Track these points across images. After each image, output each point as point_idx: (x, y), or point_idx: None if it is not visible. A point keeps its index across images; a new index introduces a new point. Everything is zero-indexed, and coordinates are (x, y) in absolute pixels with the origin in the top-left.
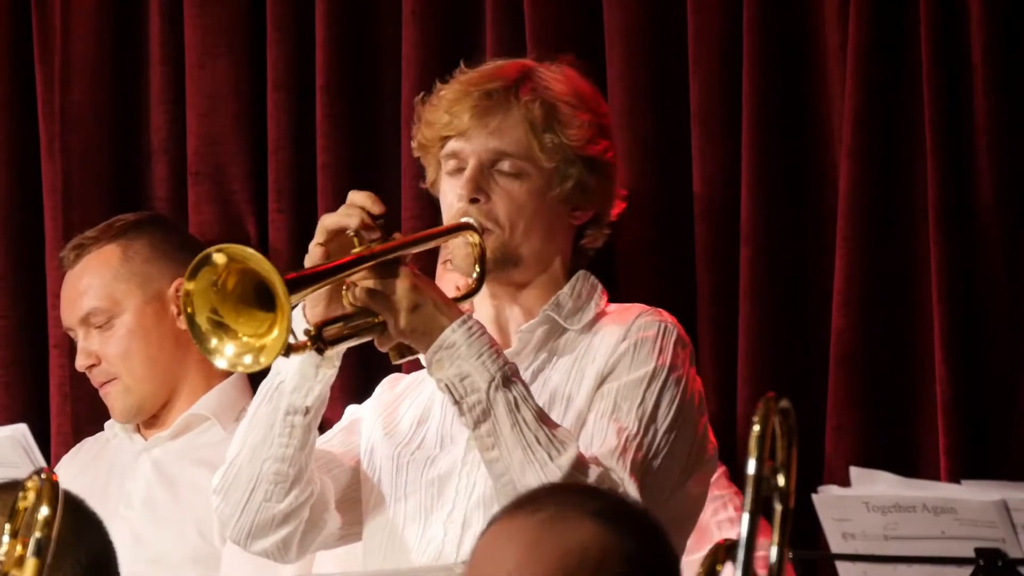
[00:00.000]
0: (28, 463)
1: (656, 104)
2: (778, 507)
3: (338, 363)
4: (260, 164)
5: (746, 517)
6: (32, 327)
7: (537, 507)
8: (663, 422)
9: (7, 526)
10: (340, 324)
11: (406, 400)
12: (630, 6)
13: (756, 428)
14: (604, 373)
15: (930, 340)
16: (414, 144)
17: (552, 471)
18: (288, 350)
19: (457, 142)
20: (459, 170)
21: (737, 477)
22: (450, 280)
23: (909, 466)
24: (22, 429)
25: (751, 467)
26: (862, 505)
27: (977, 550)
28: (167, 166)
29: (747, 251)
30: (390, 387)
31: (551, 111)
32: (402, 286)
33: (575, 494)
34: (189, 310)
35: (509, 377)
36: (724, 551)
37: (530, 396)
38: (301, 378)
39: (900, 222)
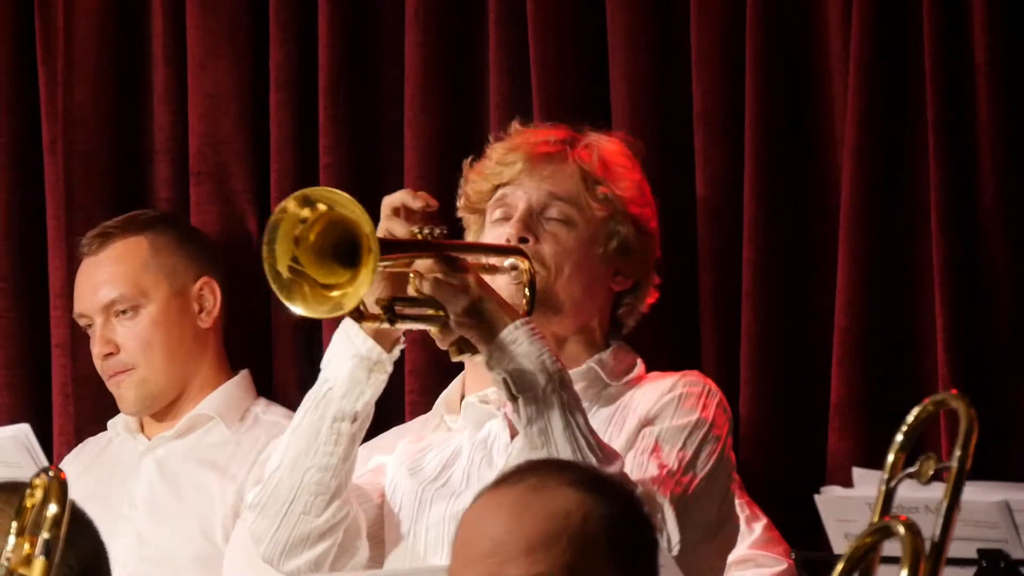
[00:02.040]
0: (31, 463)
1: (659, 105)
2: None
3: (390, 368)
4: (262, 164)
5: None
6: (34, 327)
7: (520, 478)
8: (702, 469)
9: (14, 524)
10: (408, 304)
11: (434, 450)
12: (633, 7)
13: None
14: (646, 419)
15: (933, 340)
16: (460, 203)
17: None
18: (360, 317)
19: (507, 189)
20: (506, 218)
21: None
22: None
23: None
24: (25, 429)
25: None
26: (865, 506)
27: (980, 551)
28: (169, 166)
29: (750, 252)
30: (416, 440)
31: (604, 164)
32: (469, 280)
33: (554, 466)
34: (269, 251)
35: (565, 381)
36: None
37: (581, 405)
38: (352, 383)
39: (903, 223)
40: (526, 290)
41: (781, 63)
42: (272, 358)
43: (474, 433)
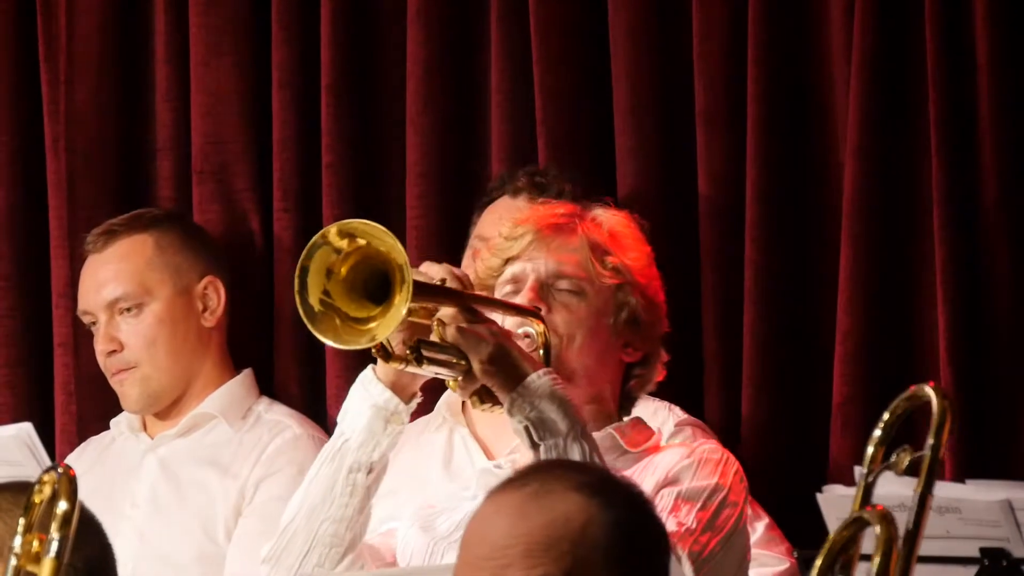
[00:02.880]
0: (33, 462)
1: (661, 103)
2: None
3: (407, 420)
4: (265, 163)
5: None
6: (37, 326)
7: (524, 483)
8: (719, 532)
9: (22, 520)
10: (433, 349)
11: (445, 513)
12: (635, 4)
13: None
14: (665, 482)
15: (935, 339)
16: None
17: None
18: (387, 356)
19: (517, 264)
20: (515, 293)
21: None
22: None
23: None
24: (27, 428)
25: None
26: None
27: (982, 549)
28: (172, 164)
29: (752, 250)
30: (428, 504)
31: (612, 236)
32: (492, 329)
33: (560, 468)
34: (301, 286)
35: (585, 431)
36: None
37: (601, 455)
38: (368, 434)
39: (905, 222)
40: (540, 351)
41: (783, 62)
42: (274, 357)
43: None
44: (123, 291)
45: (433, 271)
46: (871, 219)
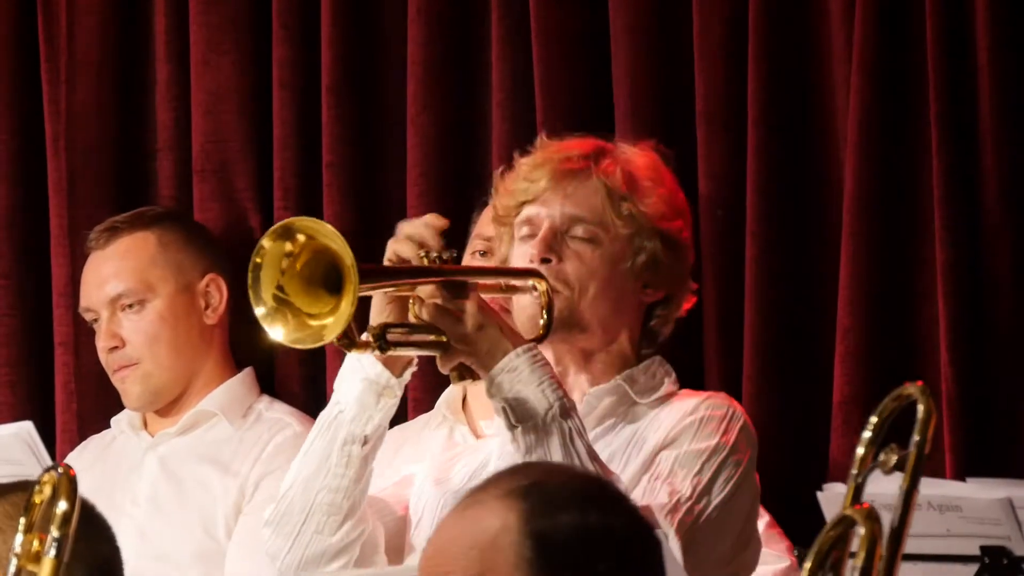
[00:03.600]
0: (34, 461)
1: (661, 102)
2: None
3: (399, 393)
4: (265, 162)
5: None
6: (37, 325)
7: (469, 493)
8: (717, 496)
9: (22, 520)
10: (405, 331)
11: (463, 460)
12: (636, 5)
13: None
14: (666, 442)
15: (935, 338)
16: (491, 217)
17: None
18: (351, 344)
19: (533, 207)
20: (532, 236)
21: None
22: None
23: None
24: (27, 427)
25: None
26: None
27: (982, 548)
28: (172, 164)
29: (752, 249)
30: (449, 448)
31: (630, 180)
32: (470, 305)
33: (504, 475)
34: (255, 279)
35: (567, 409)
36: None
37: (585, 433)
38: (361, 407)
39: (905, 221)
40: (543, 312)
41: (783, 61)
42: (275, 355)
43: (506, 440)
44: (125, 287)
45: (404, 251)
46: (872, 218)
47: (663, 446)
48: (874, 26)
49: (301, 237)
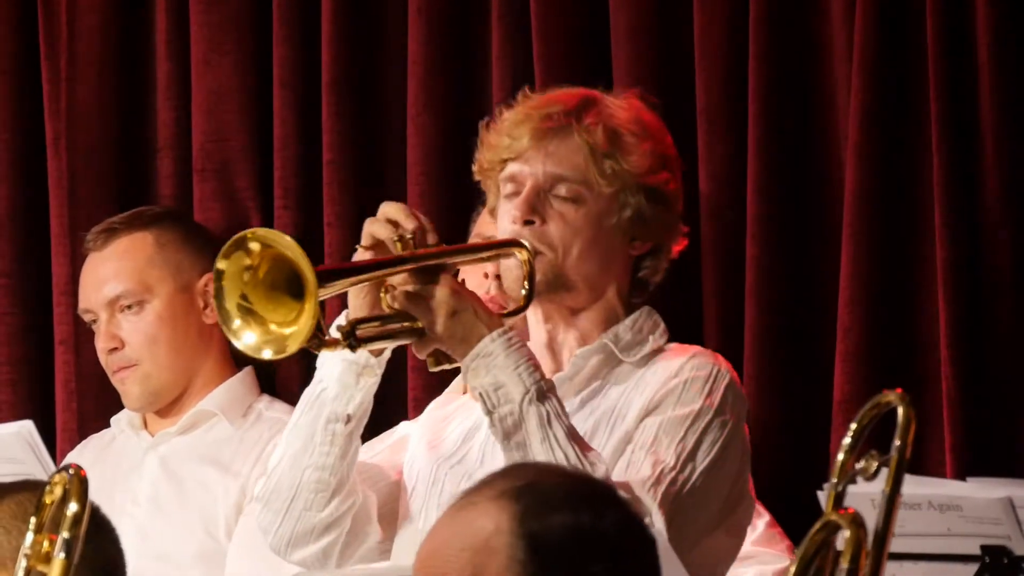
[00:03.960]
0: (34, 460)
1: (662, 102)
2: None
3: (380, 371)
4: (266, 161)
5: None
6: (38, 324)
7: (465, 493)
8: (702, 462)
9: (33, 520)
10: (376, 323)
11: (456, 419)
12: (636, 4)
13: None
14: (650, 407)
15: (936, 338)
16: (475, 168)
17: None
18: (320, 344)
19: (515, 165)
20: (516, 193)
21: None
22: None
23: (915, 463)
24: (28, 426)
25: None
26: (868, 502)
27: (983, 547)
28: (173, 163)
29: (753, 249)
30: (442, 404)
31: (613, 137)
32: (442, 291)
33: (498, 476)
34: (218, 291)
35: (544, 392)
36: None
37: (564, 414)
38: (342, 386)
39: (906, 219)
40: (525, 282)
41: (784, 60)
42: None
43: None
44: (124, 288)
45: (379, 231)
46: (872, 217)
47: (647, 412)
48: (874, 26)
49: (256, 247)
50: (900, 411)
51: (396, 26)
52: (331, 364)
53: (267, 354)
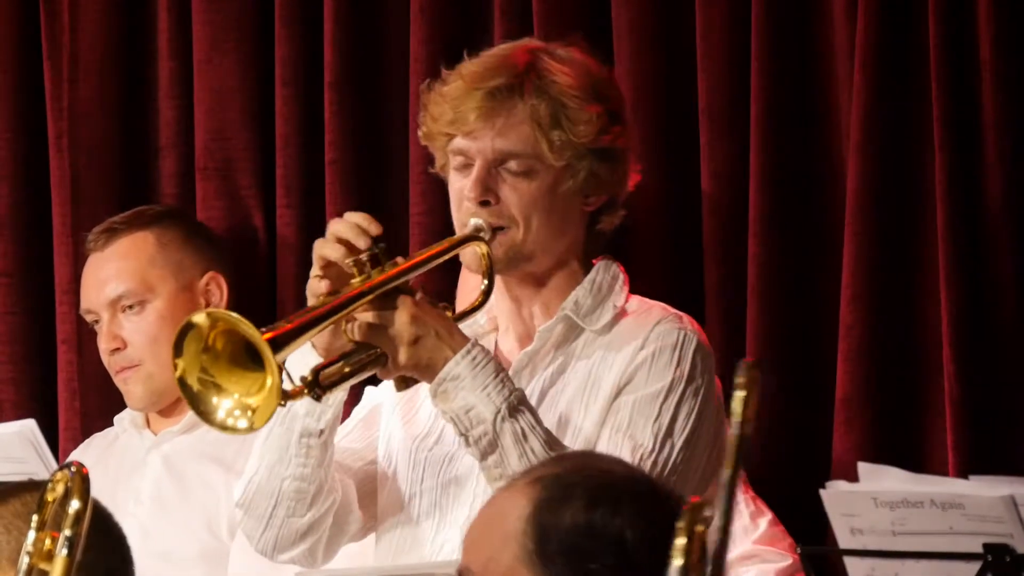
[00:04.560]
0: (36, 459)
1: (664, 99)
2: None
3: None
4: (268, 160)
5: (727, 473)
6: (40, 323)
7: (510, 480)
8: (680, 436)
9: (34, 517)
10: (340, 364)
11: (425, 387)
12: (638, 2)
13: (742, 393)
14: (621, 384)
15: (938, 335)
16: (421, 132)
17: None
18: (285, 397)
19: (463, 141)
20: (466, 166)
21: (750, 480)
22: (473, 281)
23: (917, 461)
24: (30, 425)
25: (735, 429)
26: (870, 500)
27: (985, 545)
28: (175, 162)
29: (755, 247)
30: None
31: (558, 108)
32: (401, 319)
33: (546, 464)
34: (181, 383)
35: (516, 406)
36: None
37: (538, 424)
38: (311, 404)
39: (908, 218)
40: (484, 277)
41: (786, 58)
42: None
43: None
44: (125, 288)
45: (330, 253)
46: (874, 215)
47: (619, 388)
48: (876, 23)
49: (208, 323)
50: (740, 382)
51: (398, 25)
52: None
53: (240, 426)
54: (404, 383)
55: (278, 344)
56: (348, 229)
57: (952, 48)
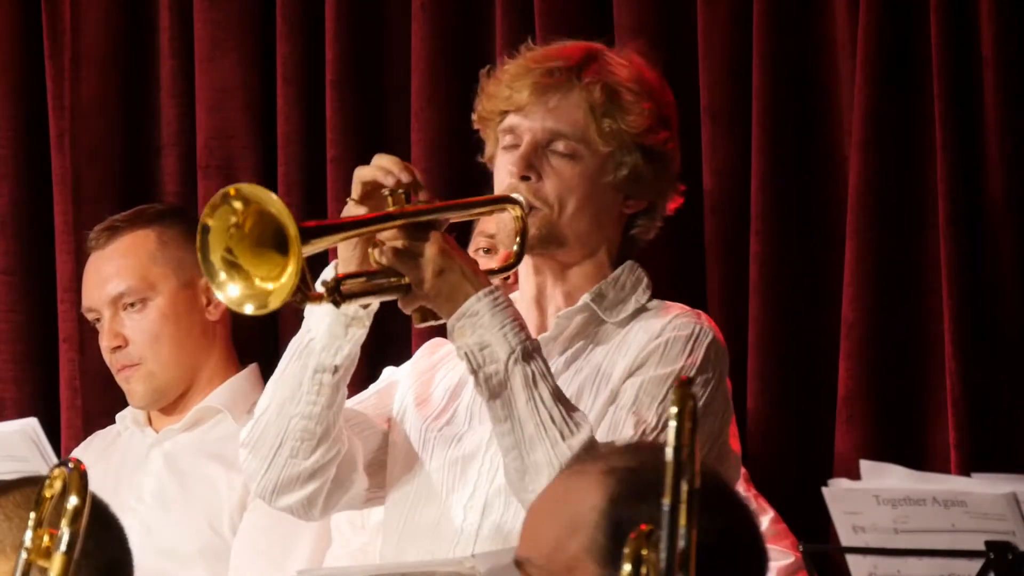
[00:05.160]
0: (38, 457)
1: None
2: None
3: (368, 323)
4: (270, 158)
5: (666, 503)
6: (42, 321)
7: (575, 461)
8: None
9: (32, 515)
10: (363, 279)
11: (443, 368)
12: (640, 1)
13: (674, 410)
14: (633, 367)
15: (940, 333)
16: (475, 116)
17: (562, 450)
18: (304, 299)
19: (515, 117)
20: (514, 146)
21: (752, 478)
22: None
23: (919, 459)
24: (32, 423)
25: (670, 453)
26: (872, 498)
27: (987, 543)
28: (177, 160)
29: (757, 245)
30: (429, 353)
31: (613, 95)
32: (431, 249)
33: (614, 452)
34: (203, 246)
35: (530, 352)
36: (646, 537)
37: (549, 374)
38: (330, 337)
39: (910, 216)
40: (516, 239)
41: (788, 56)
42: (279, 351)
43: None
44: (126, 286)
45: (385, 165)
46: (876, 213)
47: (630, 372)
48: (878, 21)
49: (239, 205)
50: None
51: (399, 23)
52: (320, 314)
53: (249, 309)
54: (423, 317)
55: (308, 234)
56: (393, 163)
57: (954, 46)
